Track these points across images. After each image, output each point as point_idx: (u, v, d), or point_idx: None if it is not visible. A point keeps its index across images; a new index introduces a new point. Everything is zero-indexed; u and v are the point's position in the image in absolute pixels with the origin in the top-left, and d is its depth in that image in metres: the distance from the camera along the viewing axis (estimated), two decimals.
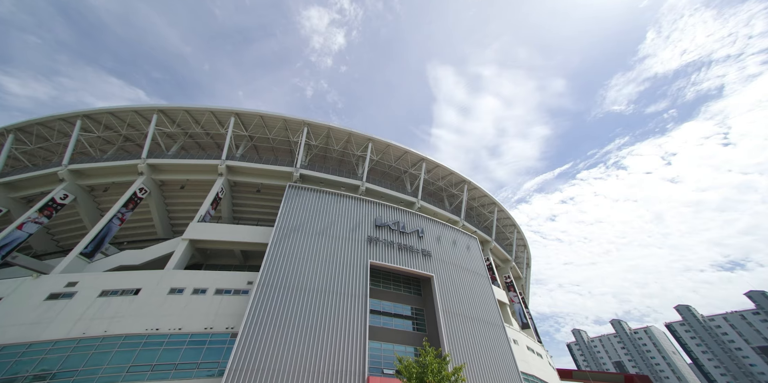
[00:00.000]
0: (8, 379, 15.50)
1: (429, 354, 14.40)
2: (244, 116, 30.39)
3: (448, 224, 33.09)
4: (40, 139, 31.51)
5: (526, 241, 49.83)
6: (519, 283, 48.57)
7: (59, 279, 19.91)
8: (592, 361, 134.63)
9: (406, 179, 37.24)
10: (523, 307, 41.15)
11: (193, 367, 16.52)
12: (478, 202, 42.56)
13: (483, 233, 39.33)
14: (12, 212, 28.07)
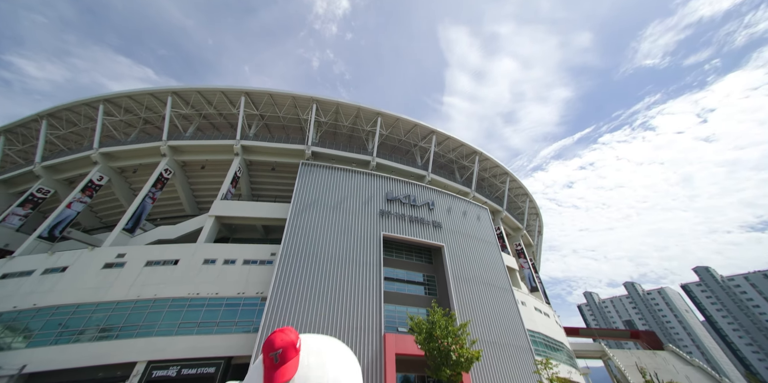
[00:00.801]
0: (84, 329, 18.76)
1: (437, 313, 15.90)
2: (254, 94, 30.80)
3: (458, 196, 33.83)
4: (69, 124, 33.47)
5: (538, 209, 50.12)
6: (530, 250, 49.83)
7: (110, 251, 22.60)
8: (602, 321, 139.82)
9: (416, 153, 37.46)
10: (532, 272, 42.86)
11: (231, 325, 19.31)
12: (490, 173, 42.52)
13: (494, 204, 39.93)
14: (59, 192, 31.00)
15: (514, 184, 44.52)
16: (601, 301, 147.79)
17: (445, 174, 37.33)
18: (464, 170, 41.41)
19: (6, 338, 18.58)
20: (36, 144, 32.27)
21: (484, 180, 43.73)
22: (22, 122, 33.13)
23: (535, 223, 52.25)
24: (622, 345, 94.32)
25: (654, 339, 50.01)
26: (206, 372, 17.64)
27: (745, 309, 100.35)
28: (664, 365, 38.42)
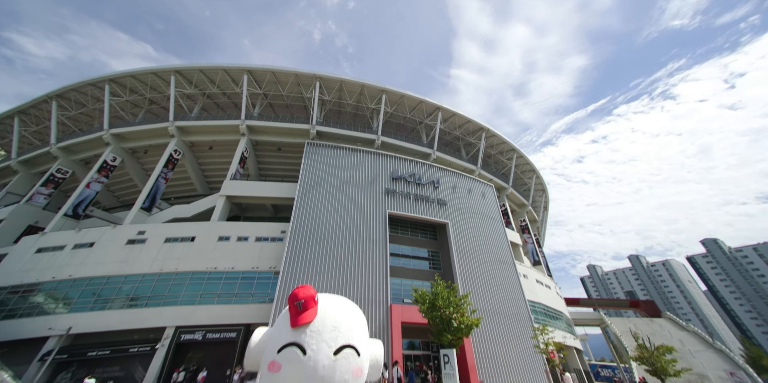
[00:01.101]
0: (116, 298, 20.67)
1: (440, 285, 16.82)
2: (256, 72, 30.33)
3: (463, 174, 33.97)
4: (78, 105, 33.87)
5: (544, 186, 50.02)
6: (534, 225, 50.55)
7: (132, 229, 24.03)
8: (604, 292, 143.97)
9: (421, 131, 37.10)
10: (536, 247, 43.92)
11: (248, 296, 20.95)
12: (497, 149, 42.10)
13: (500, 181, 40.03)
14: (77, 173, 32.28)
15: (521, 160, 44.17)
16: (604, 273, 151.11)
17: (450, 152, 37.16)
18: (470, 148, 41.07)
19: (50, 304, 20.68)
20: (49, 125, 33.04)
21: (491, 157, 43.42)
22: (33, 103, 33.67)
23: (541, 199, 52.45)
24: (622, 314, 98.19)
25: (653, 308, 51.73)
26: (228, 336, 19.58)
27: (749, 278, 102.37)
28: (660, 331, 40.26)
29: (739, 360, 32.97)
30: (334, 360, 1.42)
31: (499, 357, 22.15)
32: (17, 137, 34.21)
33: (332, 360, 1.42)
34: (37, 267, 22.26)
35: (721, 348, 35.29)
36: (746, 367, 31.16)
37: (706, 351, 35.00)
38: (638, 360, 20.63)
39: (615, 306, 72.49)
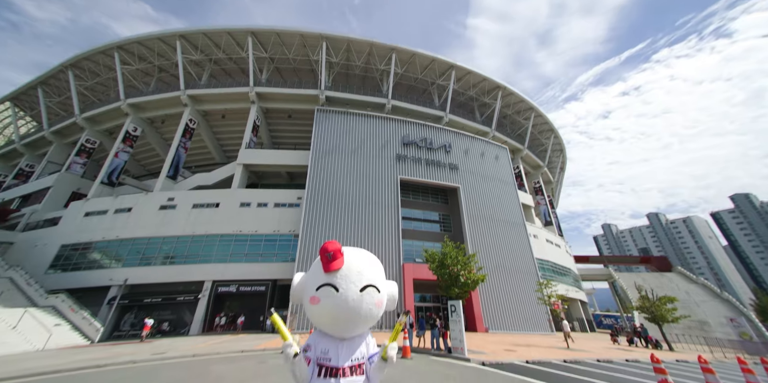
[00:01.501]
0: (157, 256, 23.53)
1: (449, 246, 17.49)
2: (261, 34, 28.99)
3: (476, 137, 33.20)
4: (93, 74, 34.33)
5: (563, 145, 48.10)
6: (549, 187, 49.99)
7: (162, 196, 26.10)
8: (617, 250, 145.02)
9: (433, 92, 35.42)
10: (548, 208, 44.19)
11: (272, 256, 23.27)
12: (513, 109, 40.00)
13: (514, 142, 38.88)
14: (104, 143, 34.18)
15: (539, 120, 42.05)
16: (619, 232, 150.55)
17: (463, 113, 35.80)
18: (485, 108, 39.22)
19: (106, 260, 23.99)
20: (70, 96, 34.14)
21: (506, 117, 41.51)
22: (51, 74, 34.44)
23: (557, 159, 50.90)
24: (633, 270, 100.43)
25: (664, 263, 52.48)
26: (258, 289, 22.43)
27: None
28: (668, 284, 41.53)
29: (743, 308, 34.20)
30: (361, 295, 1.80)
31: (505, 308, 24.22)
32: (44, 108, 35.80)
33: (359, 295, 1.80)
34: (87, 228, 25.26)
35: (727, 298, 36.45)
36: (749, 314, 32.39)
37: (712, 301, 36.30)
38: (639, 309, 21.85)
39: (626, 262, 73.56)
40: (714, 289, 38.98)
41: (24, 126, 42.29)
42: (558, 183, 54.91)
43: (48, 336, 15.91)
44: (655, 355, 6.51)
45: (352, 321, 1.80)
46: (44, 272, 23.48)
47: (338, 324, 1.81)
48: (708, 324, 31.51)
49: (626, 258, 75.06)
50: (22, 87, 36.37)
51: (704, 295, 38.12)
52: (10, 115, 40.57)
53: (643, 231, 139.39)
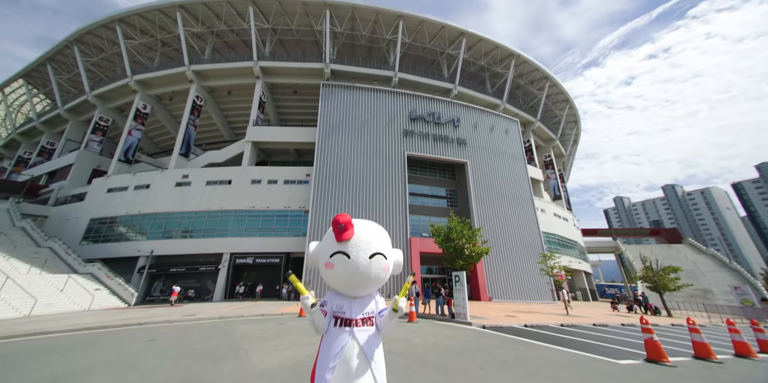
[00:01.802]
0: (177, 230, 24.98)
1: (454, 220, 17.93)
2: (261, 3, 27.73)
3: (486, 110, 32.32)
4: (97, 49, 34.05)
5: (578, 116, 46.43)
6: (560, 160, 49.09)
7: (177, 173, 27.03)
8: (628, 223, 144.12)
9: (442, 63, 33.93)
10: (558, 182, 43.80)
11: (284, 230, 24.41)
12: (527, 78, 38.24)
13: (526, 115, 37.71)
14: (117, 121, 34.80)
15: (554, 90, 40.27)
16: (632, 205, 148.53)
17: (474, 85, 34.52)
18: (496, 79, 37.58)
19: (131, 233, 25.65)
20: (79, 73, 34.25)
21: (519, 88, 39.85)
22: (57, 49, 34.33)
23: (571, 132, 49.36)
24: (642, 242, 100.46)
25: (674, 235, 52.26)
26: (273, 261, 23.87)
27: None
28: (676, 255, 41.84)
29: (750, 277, 34.60)
30: (369, 262, 2.01)
31: (509, 279, 25.23)
32: (56, 85, 36.18)
33: (368, 261, 2.01)
34: (111, 204, 26.73)
35: (735, 267, 36.80)
36: (755, 282, 32.85)
37: (719, 271, 36.72)
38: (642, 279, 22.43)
39: (635, 234, 72.91)
40: (723, 259, 39.16)
41: (39, 103, 43.09)
42: (570, 156, 53.72)
43: (91, 298, 17.82)
44: (644, 317, 7.07)
45: (362, 283, 2.06)
46: (78, 243, 25.44)
47: (350, 285, 2.08)
48: (711, 293, 32.11)
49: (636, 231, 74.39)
50: (32, 63, 36.57)
51: (712, 265, 38.43)
52: (24, 92, 41.26)
53: (656, 204, 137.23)
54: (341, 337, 1.90)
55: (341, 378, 1.76)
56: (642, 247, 47.45)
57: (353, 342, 1.88)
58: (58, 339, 8.26)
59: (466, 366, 5.30)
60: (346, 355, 1.83)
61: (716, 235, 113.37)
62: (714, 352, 6.69)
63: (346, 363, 1.80)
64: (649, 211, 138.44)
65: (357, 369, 1.80)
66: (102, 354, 6.21)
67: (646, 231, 65.63)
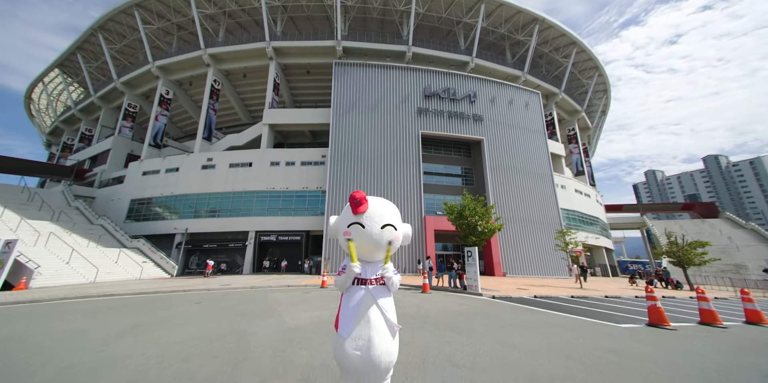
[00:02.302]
0: (206, 210, 26.67)
1: (467, 198, 18.10)
2: None
3: (505, 83, 30.93)
4: (119, 36, 34.97)
5: (608, 84, 43.36)
6: (585, 133, 46.77)
7: (202, 156, 28.40)
8: (659, 198, 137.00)
9: (459, 34, 32.22)
10: (582, 157, 42.14)
11: (303, 210, 25.50)
12: (551, 45, 35.76)
13: (549, 86, 35.77)
14: (144, 107, 36.35)
15: (582, 56, 37.54)
16: (665, 178, 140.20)
17: (492, 56, 32.83)
18: (517, 47, 35.40)
19: (166, 212, 27.71)
20: (106, 61, 35.55)
21: (542, 57, 37.46)
22: (84, 37, 35.62)
23: (599, 102, 46.42)
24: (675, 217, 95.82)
25: (709, 210, 49.70)
26: (294, 239, 25.28)
27: None
28: (709, 230, 40.11)
29: None
30: (381, 231, 2.27)
31: (524, 255, 25.41)
32: (87, 73, 37.89)
33: (380, 231, 2.27)
34: (147, 186, 28.76)
35: None
36: None
37: (757, 246, 35.05)
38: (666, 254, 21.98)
39: (665, 209, 69.19)
40: (764, 233, 37.20)
41: (74, 92, 45.42)
42: (597, 129, 50.94)
43: (140, 269, 20.08)
44: (650, 287, 7.29)
45: (375, 249, 2.32)
46: (123, 221, 27.93)
47: (364, 251, 2.34)
48: (745, 268, 30.87)
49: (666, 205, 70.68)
50: (64, 53, 38.27)
51: (750, 240, 36.62)
52: (61, 82, 43.65)
53: (694, 176, 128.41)
54: (358, 293, 2.24)
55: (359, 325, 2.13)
56: (671, 222, 45.61)
57: (368, 296, 2.22)
58: (124, 299, 9.80)
59: (473, 326, 5.85)
60: (362, 306, 2.19)
61: (763, 208, 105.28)
62: (720, 319, 6.84)
63: (363, 312, 2.17)
64: (685, 185, 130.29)
65: (372, 316, 2.16)
66: (162, 312, 7.33)
67: (677, 206, 62.43)
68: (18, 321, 6.47)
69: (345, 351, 2.02)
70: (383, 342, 2.05)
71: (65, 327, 5.73)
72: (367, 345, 2.01)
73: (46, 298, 9.77)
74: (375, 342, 2.03)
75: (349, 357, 2.00)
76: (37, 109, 50.21)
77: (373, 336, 2.04)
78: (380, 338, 2.05)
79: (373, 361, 1.99)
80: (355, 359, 1.99)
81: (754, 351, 4.72)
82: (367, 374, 2.03)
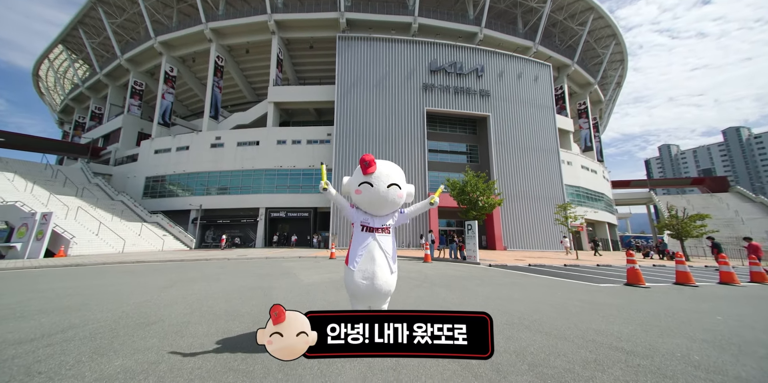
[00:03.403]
0: (217, 187, 27.62)
1: (469, 174, 18.57)
2: None
3: (515, 55, 29.92)
4: (120, 10, 34.17)
5: (625, 53, 40.94)
6: (597, 107, 45.47)
7: (210, 135, 28.86)
8: (672, 173, 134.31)
9: (468, 1, 30.62)
10: (591, 132, 41.38)
11: (310, 188, 26.21)
12: (566, 12, 33.86)
13: (561, 57, 34.46)
14: (150, 85, 36.38)
15: (600, 23, 35.58)
16: (680, 152, 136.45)
17: (502, 26, 31.42)
18: (530, 16, 33.66)
19: (179, 189, 28.84)
20: (108, 36, 35.12)
21: (556, 25, 35.64)
22: (84, 11, 34.93)
23: (615, 73, 44.48)
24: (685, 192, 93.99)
25: (720, 184, 49.28)
26: (303, 215, 26.38)
27: None
28: (717, 204, 40.12)
29: None
30: (387, 189, 2.64)
31: (526, 230, 26.09)
32: (90, 49, 37.62)
33: (386, 189, 2.64)
34: (159, 164, 29.69)
35: None
36: None
37: (763, 219, 35.09)
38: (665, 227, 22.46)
39: (675, 184, 68.20)
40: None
41: (80, 69, 45.29)
42: (610, 101, 49.33)
43: (162, 242, 21.58)
44: (631, 252, 7.89)
45: (382, 205, 2.73)
46: (141, 197, 29.23)
47: (373, 206, 2.74)
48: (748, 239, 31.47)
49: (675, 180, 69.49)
50: (66, 28, 37.76)
51: (757, 213, 36.74)
52: (66, 58, 43.55)
53: (711, 150, 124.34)
54: (367, 238, 2.75)
55: (366, 261, 2.68)
56: (679, 197, 45.52)
57: (374, 241, 2.73)
58: (156, 264, 11.05)
59: (466, 284, 6.68)
60: (369, 248, 2.70)
61: None
62: (693, 279, 7.52)
63: (369, 252, 2.70)
64: (701, 159, 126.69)
65: (376, 255, 2.69)
66: (192, 273, 8.40)
67: (687, 180, 61.51)
68: (78, 278, 7.54)
69: (354, 280, 2.71)
70: (384, 275, 2.72)
71: (122, 281, 6.81)
72: (372, 276, 2.69)
73: (88, 263, 11.00)
74: (378, 274, 2.70)
75: (357, 284, 2.70)
76: (46, 87, 50.46)
77: (376, 270, 2.70)
78: (382, 272, 2.72)
79: (375, 288, 2.68)
80: (362, 286, 2.69)
81: (706, 299, 5.45)
82: (371, 298, 2.74)
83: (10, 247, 15.00)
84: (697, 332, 3.33)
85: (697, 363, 2.46)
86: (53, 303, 4.45)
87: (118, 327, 3.28)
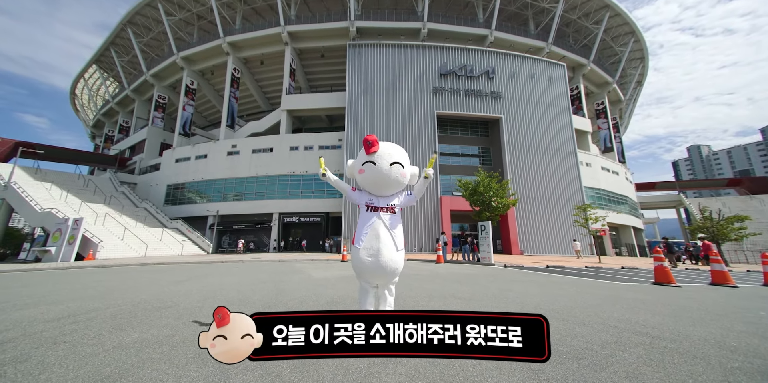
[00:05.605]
0: (233, 193, 28.33)
1: (481, 175, 18.33)
2: None
3: (527, 56, 29.56)
4: (146, 29, 36.39)
5: (645, 51, 39.56)
6: (616, 107, 44.00)
7: (227, 143, 29.80)
8: (703, 175, 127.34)
9: (477, 5, 30.70)
10: (611, 133, 40.00)
11: (322, 193, 26.41)
12: (580, 11, 33.30)
13: (576, 56, 33.71)
14: (171, 98, 38.23)
15: (616, 21, 34.72)
16: (712, 153, 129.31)
17: (513, 28, 31.24)
18: (541, 17, 33.33)
19: (197, 197, 29.77)
20: (136, 54, 37.37)
21: (569, 25, 35.10)
22: (116, 33, 37.33)
23: (634, 72, 43.01)
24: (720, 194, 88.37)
25: (760, 185, 46.22)
26: (315, 220, 26.58)
27: None
28: (757, 206, 37.85)
29: None
30: (390, 168, 2.63)
31: (543, 234, 25.17)
32: (120, 68, 40.12)
33: (389, 168, 2.62)
34: (180, 172, 30.83)
35: None
36: None
37: None
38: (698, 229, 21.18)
39: (706, 186, 64.40)
40: None
41: (110, 86, 48.31)
42: (631, 101, 47.67)
43: (181, 247, 22.24)
44: (658, 248, 7.37)
45: (385, 184, 2.68)
46: (162, 204, 30.36)
47: (376, 186, 2.70)
48: None
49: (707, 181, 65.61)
50: (99, 49, 40.44)
51: None
52: (99, 77, 46.73)
53: (749, 150, 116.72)
54: (372, 217, 2.72)
55: (370, 239, 2.64)
56: (713, 200, 42.98)
57: (379, 220, 2.70)
58: (175, 265, 11.51)
59: (479, 281, 6.46)
60: (374, 227, 2.67)
61: None
62: (732, 280, 6.72)
63: (374, 231, 2.66)
64: (736, 159, 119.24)
65: (381, 233, 2.65)
66: (209, 270, 8.68)
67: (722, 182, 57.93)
68: (107, 274, 8.01)
69: (360, 257, 2.64)
70: (389, 252, 2.64)
71: (142, 277, 7.20)
72: (377, 253, 2.62)
73: (114, 264, 11.59)
74: (383, 251, 2.62)
75: (362, 261, 2.63)
76: (81, 104, 54.03)
77: (381, 248, 2.63)
78: (387, 249, 2.64)
79: (380, 265, 2.61)
80: (367, 263, 2.62)
81: (748, 298, 4.97)
82: (376, 275, 2.66)
83: (46, 251, 15.89)
84: (736, 324, 3.03)
85: (733, 348, 2.24)
86: (80, 293, 4.81)
87: (136, 310, 3.55)
